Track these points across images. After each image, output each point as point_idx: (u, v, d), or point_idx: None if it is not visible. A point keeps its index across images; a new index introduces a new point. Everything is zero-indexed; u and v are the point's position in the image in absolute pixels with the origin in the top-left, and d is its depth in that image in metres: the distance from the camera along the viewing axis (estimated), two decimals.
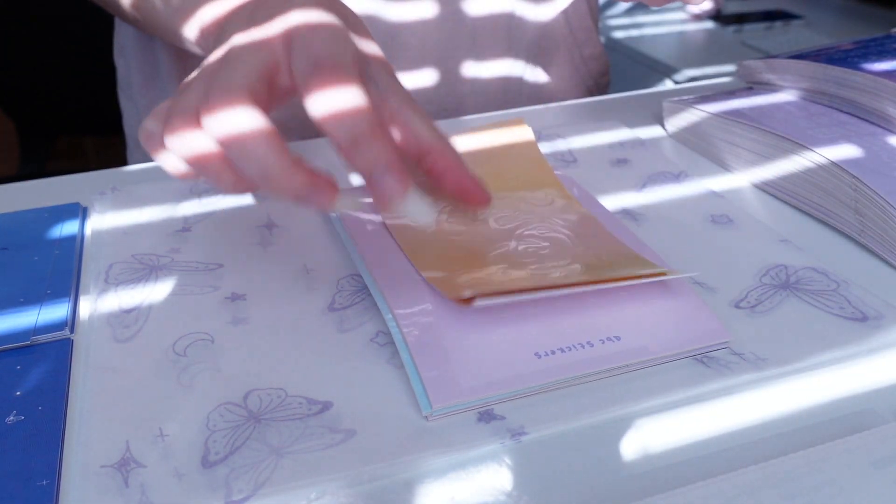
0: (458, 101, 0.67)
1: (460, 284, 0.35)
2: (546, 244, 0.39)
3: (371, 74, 0.33)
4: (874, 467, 0.28)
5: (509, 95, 0.70)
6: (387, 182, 0.30)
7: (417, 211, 0.30)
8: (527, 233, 0.40)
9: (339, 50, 0.31)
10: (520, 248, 0.39)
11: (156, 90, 0.69)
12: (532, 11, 0.68)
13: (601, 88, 0.77)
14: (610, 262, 0.38)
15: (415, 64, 0.64)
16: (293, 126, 0.59)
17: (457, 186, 0.34)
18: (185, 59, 0.65)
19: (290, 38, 0.32)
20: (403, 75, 0.64)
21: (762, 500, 0.27)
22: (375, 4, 0.61)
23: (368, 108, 0.30)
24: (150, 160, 0.62)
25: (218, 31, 0.38)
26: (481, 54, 0.67)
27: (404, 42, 0.63)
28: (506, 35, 0.67)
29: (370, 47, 0.36)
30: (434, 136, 0.34)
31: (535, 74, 0.71)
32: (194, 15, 0.44)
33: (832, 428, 0.31)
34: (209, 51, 0.36)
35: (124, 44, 0.70)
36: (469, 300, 0.33)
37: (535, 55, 0.70)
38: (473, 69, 0.67)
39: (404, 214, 0.30)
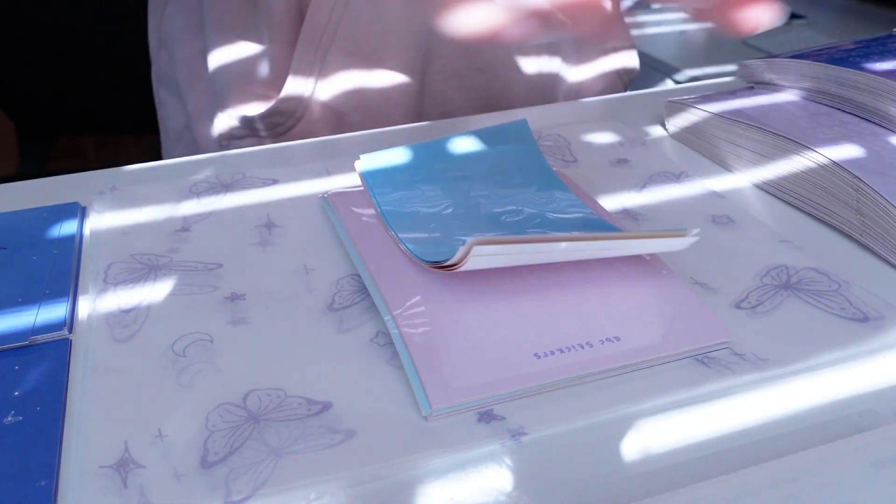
0: (503, 91, 0.68)
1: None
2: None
3: None
4: (875, 468, 0.28)
5: (546, 93, 0.71)
6: None
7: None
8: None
9: None
10: None
11: (203, 83, 0.67)
12: None
13: (627, 81, 0.78)
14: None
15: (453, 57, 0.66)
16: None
17: None
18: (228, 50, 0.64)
19: None
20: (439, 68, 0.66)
21: (762, 500, 0.27)
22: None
23: None
24: (187, 155, 0.61)
25: None
26: (521, 49, 0.67)
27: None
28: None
29: None
30: None
31: (570, 72, 0.72)
32: None
33: (833, 428, 0.31)
34: None
35: (168, 36, 0.68)
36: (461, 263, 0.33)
37: (569, 51, 0.71)
38: (514, 64, 0.68)
39: None
